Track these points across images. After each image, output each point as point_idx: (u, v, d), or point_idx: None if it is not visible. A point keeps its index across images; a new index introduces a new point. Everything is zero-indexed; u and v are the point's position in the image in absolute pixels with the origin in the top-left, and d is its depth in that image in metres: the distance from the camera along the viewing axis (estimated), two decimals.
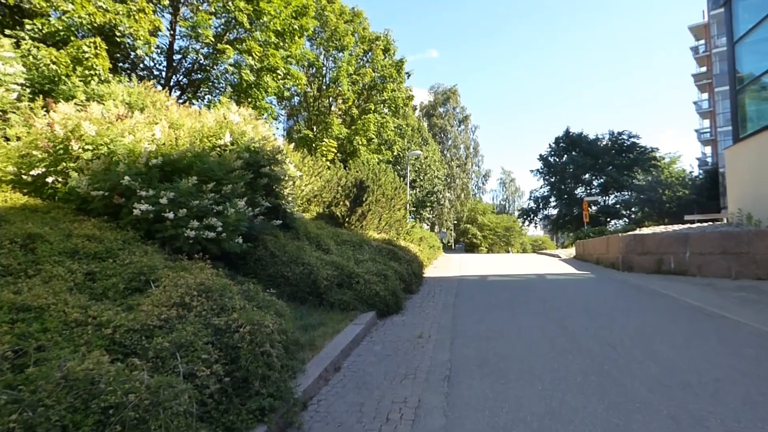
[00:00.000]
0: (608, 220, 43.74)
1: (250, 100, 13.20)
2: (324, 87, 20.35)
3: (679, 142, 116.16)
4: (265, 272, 6.72)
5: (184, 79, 13.18)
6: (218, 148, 7.02)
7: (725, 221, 14.01)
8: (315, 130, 19.89)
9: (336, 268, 7.44)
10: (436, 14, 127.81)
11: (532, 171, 48.83)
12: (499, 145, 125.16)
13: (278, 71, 13.33)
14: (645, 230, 13.40)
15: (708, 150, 49.96)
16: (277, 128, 24.85)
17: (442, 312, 7.50)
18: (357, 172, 13.90)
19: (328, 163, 15.00)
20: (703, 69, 48.61)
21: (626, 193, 43.68)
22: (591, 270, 12.99)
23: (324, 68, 20.51)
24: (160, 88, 11.22)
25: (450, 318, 6.99)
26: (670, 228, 13.09)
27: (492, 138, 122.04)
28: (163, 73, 12.95)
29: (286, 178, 9.13)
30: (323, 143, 16.67)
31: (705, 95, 49.52)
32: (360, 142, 19.56)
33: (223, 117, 7.52)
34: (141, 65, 12.46)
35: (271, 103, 19.84)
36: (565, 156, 47.20)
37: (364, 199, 12.94)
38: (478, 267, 15.79)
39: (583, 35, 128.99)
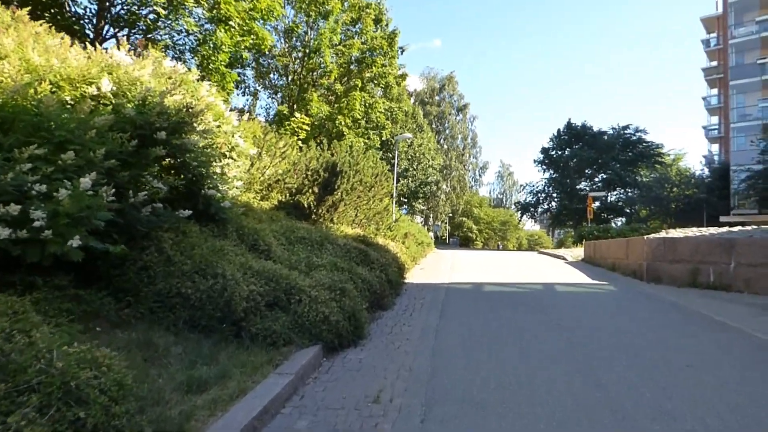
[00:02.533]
0: (610, 217, 41.65)
1: (199, 60, 10.87)
2: (305, 58, 17.97)
3: (685, 138, 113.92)
4: (152, 288, 4.48)
5: (121, 31, 10.82)
6: (92, 100, 4.72)
7: None
8: (295, 107, 17.60)
9: (268, 281, 5.20)
10: (440, 2, 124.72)
11: (535, 161, 46.46)
12: (498, 137, 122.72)
13: (232, 22, 10.93)
14: (674, 233, 11.24)
15: (715, 148, 47.91)
16: (260, 111, 22.51)
17: (418, 345, 5.29)
18: (331, 153, 11.62)
19: (299, 143, 12.75)
20: (714, 63, 46.38)
21: (630, 189, 41.52)
22: (608, 279, 10.81)
23: (305, 36, 18.10)
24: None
25: (428, 358, 4.78)
26: (706, 231, 10.92)
27: (491, 130, 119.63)
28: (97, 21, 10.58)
29: (217, 153, 6.89)
30: (293, 118, 14.33)
31: (714, 90, 47.32)
32: (343, 123, 17.20)
33: (110, 57, 5.21)
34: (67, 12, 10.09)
35: (243, 75, 17.54)
36: (568, 149, 44.96)
37: (336, 187, 10.68)
38: (471, 269, 13.59)
39: (589, 28, 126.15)
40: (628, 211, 41.68)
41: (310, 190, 10.81)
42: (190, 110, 5.26)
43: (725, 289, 8.89)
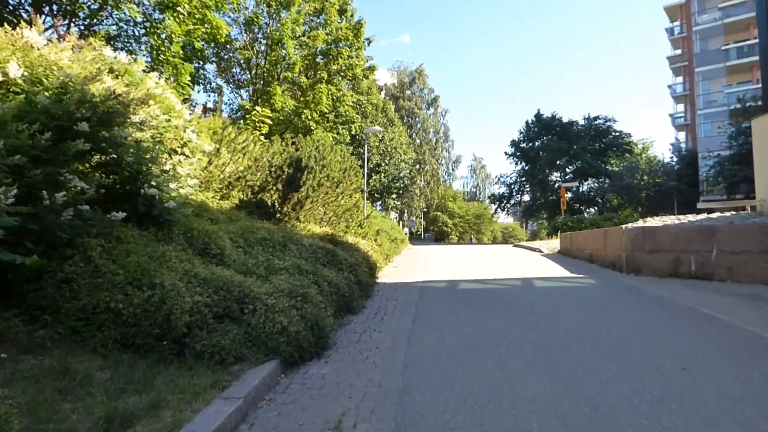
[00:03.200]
0: (582, 207, 42.01)
1: (148, 51, 10.05)
2: (268, 51, 17.16)
3: (654, 126, 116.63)
4: (74, 304, 3.85)
5: (61, 21, 9.91)
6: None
7: (749, 210, 11.87)
8: (259, 102, 16.80)
9: (217, 290, 4.61)
10: None
11: (506, 154, 46.45)
12: (470, 131, 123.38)
13: (180, 9, 10.11)
14: (652, 221, 11.00)
15: (682, 135, 48.86)
16: (225, 108, 21.68)
17: (388, 355, 4.78)
18: (296, 148, 10.99)
19: (262, 138, 12.05)
20: (678, 51, 47.22)
21: (601, 179, 41.92)
22: (586, 271, 10.52)
23: (267, 28, 17.27)
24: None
25: (399, 371, 4.28)
26: (685, 219, 10.71)
27: (463, 124, 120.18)
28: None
29: (166, 149, 6.26)
30: (255, 112, 13.57)
31: (680, 78, 48.19)
32: (310, 117, 16.48)
33: (21, 38, 4.50)
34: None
35: (201, 69, 16.69)
36: (538, 141, 45.07)
37: (301, 183, 10.06)
38: (447, 265, 13.17)
39: (557, 19, 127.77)
40: (599, 200, 42.08)
41: (274, 188, 10.17)
42: (120, 98, 4.58)
43: (708, 278, 8.67)
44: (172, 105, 8.63)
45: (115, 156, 4.73)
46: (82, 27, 10.04)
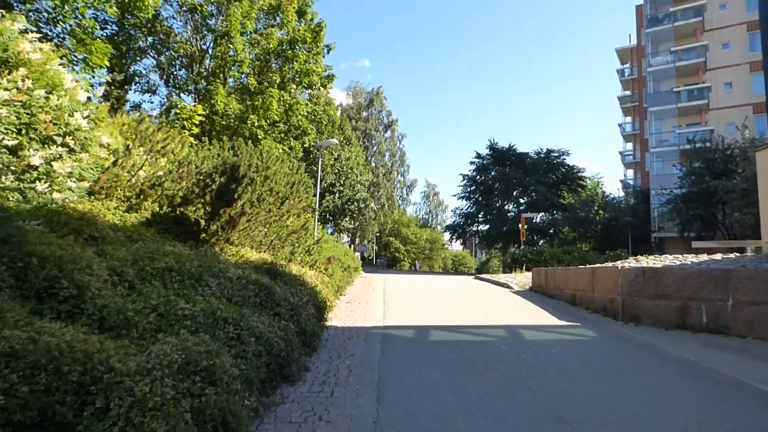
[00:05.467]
0: (537, 238, 41.53)
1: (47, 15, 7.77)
2: (213, 45, 15.05)
3: (603, 162, 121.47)
4: None
5: None
6: None
7: (749, 252, 10.82)
8: (197, 102, 14.60)
9: (34, 370, 2.52)
10: (369, 23, 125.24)
11: (454, 195, 45.55)
12: (424, 157, 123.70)
13: None
14: (646, 259, 9.63)
15: (630, 173, 50.11)
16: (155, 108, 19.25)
17: None
18: (234, 153, 8.93)
19: (191, 139, 9.91)
20: (628, 92, 48.75)
21: (555, 212, 41.72)
22: (576, 318, 8.93)
23: (213, 20, 15.22)
24: None
25: None
26: (685, 260, 9.39)
27: (417, 150, 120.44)
28: None
29: (38, 136, 4.22)
30: (184, 108, 11.36)
31: (629, 118, 49.69)
32: (257, 124, 14.35)
33: None
34: None
35: (135, 62, 14.39)
36: (493, 170, 44.46)
37: (236, 196, 7.98)
38: (408, 301, 11.30)
39: (515, 52, 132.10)
40: (551, 232, 41.77)
41: (201, 200, 8.04)
42: None
43: (722, 332, 7.25)
44: (60, 80, 6.41)
45: None
46: None
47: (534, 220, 43.52)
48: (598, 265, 10.42)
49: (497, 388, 4.67)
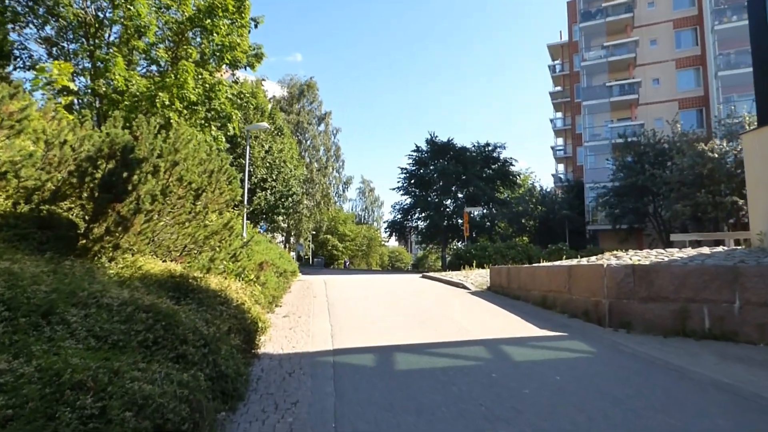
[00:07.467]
0: (475, 234, 41.19)
1: None
2: (110, 8, 12.47)
3: (536, 157, 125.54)
4: None
5: None
6: None
7: (734, 245, 10.16)
8: (92, 76, 12.07)
9: None
10: (301, 17, 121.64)
11: (393, 189, 44.28)
12: (359, 153, 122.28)
13: None
14: (634, 255, 8.57)
15: (561, 167, 51.35)
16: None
17: None
18: (131, 132, 6.81)
19: (65, 112, 7.62)
20: (559, 88, 49.85)
21: (493, 206, 41.57)
22: (556, 325, 7.65)
23: None
24: None
25: None
26: (675, 254, 8.40)
27: (352, 146, 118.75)
28: None
29: None
30: (43, 69, 8.88)
31: (560, 114, 50.86)
32: (167, 103, 12.00)
33: None
34: None
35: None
36: (432, 165, 43.59)
37: (130, 187, 5.93)
38: (359, 311, 9.62)
39: (451, 47, 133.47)
40: (489, 226, 41.59)
41: (79, 194, 5.92)
42: None
43: (730, 339, 6.23)
44: None
45: None
46: None
47: (472, 215, 43.18)
48: (574, 262, 9.24)
49: None
